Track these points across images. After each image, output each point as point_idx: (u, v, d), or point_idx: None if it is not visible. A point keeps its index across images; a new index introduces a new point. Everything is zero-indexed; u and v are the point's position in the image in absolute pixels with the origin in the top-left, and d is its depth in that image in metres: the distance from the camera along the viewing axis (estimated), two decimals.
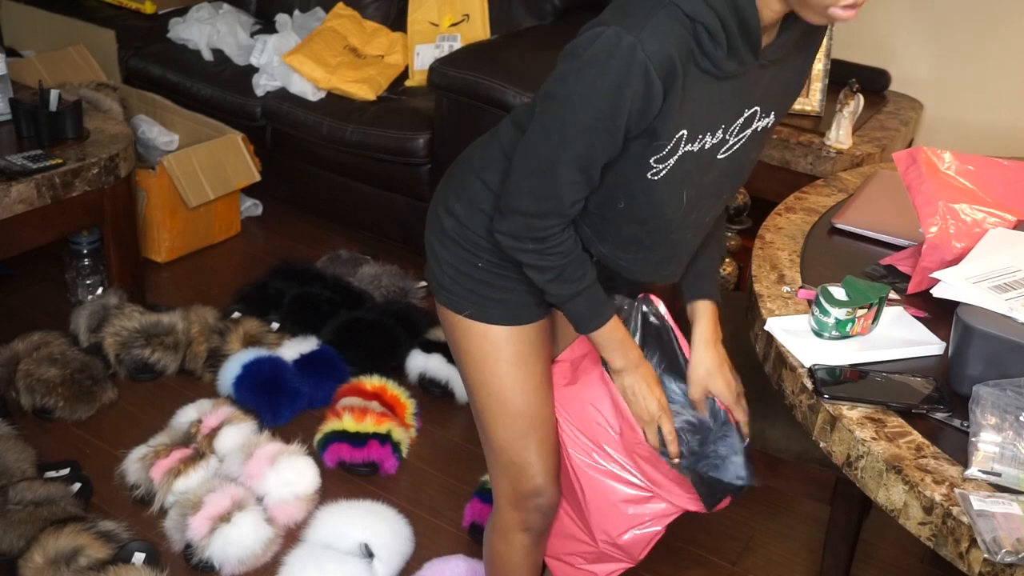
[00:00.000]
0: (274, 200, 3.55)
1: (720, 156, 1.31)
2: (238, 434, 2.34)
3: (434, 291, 1.51)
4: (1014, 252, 1.47)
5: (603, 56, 1.16)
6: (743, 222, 2.76)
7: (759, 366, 1.50)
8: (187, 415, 2.42)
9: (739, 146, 1.32)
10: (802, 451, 1.78)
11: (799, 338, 1.39)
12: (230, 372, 2.56)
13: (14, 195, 2.38)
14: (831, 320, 1.36)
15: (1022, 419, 1.18)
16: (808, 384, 1.31)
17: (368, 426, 2.37)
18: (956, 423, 1.24)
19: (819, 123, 2.67)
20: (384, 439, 2.36)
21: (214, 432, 2.33)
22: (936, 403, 1.26)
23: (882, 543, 2.22)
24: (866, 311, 1.37)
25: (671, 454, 1.47)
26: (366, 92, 3.26)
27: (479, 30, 3.38)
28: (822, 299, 1.37)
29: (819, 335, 1.39)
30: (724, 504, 1.52)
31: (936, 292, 1.41)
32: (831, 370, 1.32)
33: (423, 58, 3.35)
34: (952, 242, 1.49)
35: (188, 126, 3.36)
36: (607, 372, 1.47)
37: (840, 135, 2.52)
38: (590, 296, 1.39)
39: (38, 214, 2.47)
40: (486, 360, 1.48)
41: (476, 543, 2.17)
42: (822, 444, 1.29)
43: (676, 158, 1.26)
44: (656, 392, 1.45)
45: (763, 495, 2.34)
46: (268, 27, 3.73)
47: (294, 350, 2.65)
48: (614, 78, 1.16)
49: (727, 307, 2.12)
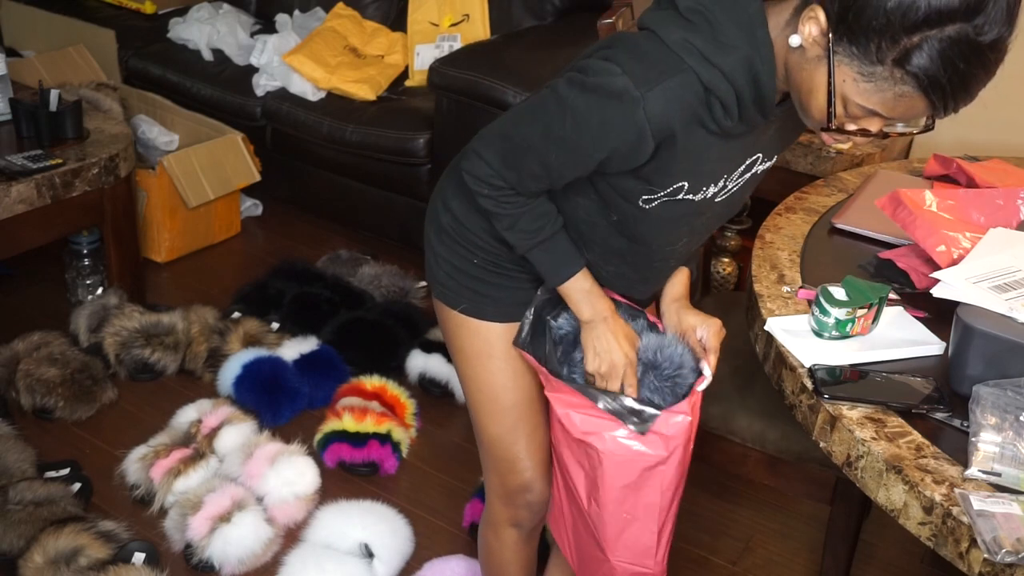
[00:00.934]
0: (274, 200, 3.55)
1: (718, 200, 1.31)
2: (238, 434, 2.34)
3: (431, 286, 1.52)
4: (1014, 252, 1.47)
5: (605, 95, 1.15)
6: (743, 222, 2.76)
7: (759, 366, 1.49)
8: (187, 415, 2.42)
9: (737, 188, 1.32)
10: (802, 451, 1.78)
11: (799, 338, 1.39)
12: (230, 372, 2.56)
13: (14, 195, 2.38)
14: (831, 320, 1.36)
15: (1022, 419, 1.18)
16: (808, 384, 1.31)
17: (368, 426, 2.37)
18: (956, 423, 1.24)
19: None
20: (384, 439, 2.36)
21: (214, 432, 2.33)
22: (936, 403, 1.26)
23: (882, 543, 2.22)
24: (866, 311, 1.37)
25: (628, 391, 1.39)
26: (366, 92, 3.26)
27: (479, 30, 3.37)
28: (822, 299, 1.37)
29: (819, 335, 1.39)
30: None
31: (936, 292, 1.41)
32: (831, 370, 1.32)
33: (423, 58, 3.35)
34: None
35: (188, 126, 3.36)
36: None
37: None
38: (552, 248, 1.35)
39: (38, 214, 2.47)
40: (479, 356, 1.49)
41: (476, 543, 2.17)
42: (822, 444, 1.29)
43: (672, 200, 1.27)
44: (624, 346, 1.39)
45: (763, 495, 2.34)
46: (268, 27, 3.73)
47: (294, 350, 2.65)
48: (608, 120, 1.16)
49: (727, 307, 2.13)
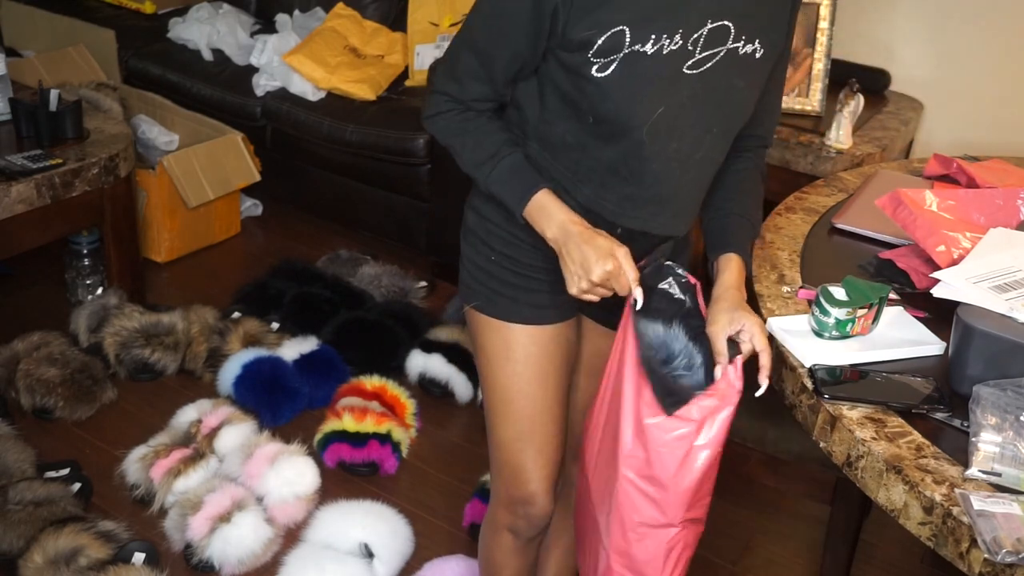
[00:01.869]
0: (274, 200, 3.55)
1: (687, 70, 1.25)
2: (238, 434, 2.34)
3: (460, 290, 1.52)
4: (1014, 252, 1.47)
5: None
6: None
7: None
8: (187, 415, 2.42)
9: (712, 65, 1.26)
10: (802, 451, 1.78)
11: (799, 338, 1.39)
12: (230, 372, 2.56)
13: (14, 195, 2.38)
14: (831, 320, 1.36)
15: (1022, 419, 1.18)
16: (808, 384, 1.31)
17: (368, 426, 2.37)
18: (956, 423, 1.24)
19: (819, 123, 2.66)
20: (384, 439, 2.36)
21: (214, 432, 2.33)
22: (936, 403, 1.26)
23: (882, 543, 2.22)
24: (866, 311, 1.37)
25: (632, 284, 1.30)
26: (366, 92, 3.26)
27: None
28: (822, 299, 1.37)
29: (819, 335, 1.39)
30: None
31: (936, 292, 1.41)
32: (831, 370, 1.32)
33: (423, 58, 3.35)
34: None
35: (188, 126, 3.36)
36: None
37: (840, 135, 2.52)
38: (509, 173, 1.33)
39: (38, 214, 2.47)
40: (497, 357, 1.47)
41: (476, 543, 2.17)
42: (822, 444, 1.29)
43: (622, 56, 1.22)
44: (603, 245, 1.28)
45: (763, 495, 2.34)
46: (268, 27, 3.73)
47: (294, 350, 2.65)
48: None
49: None
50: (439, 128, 1.39)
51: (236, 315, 2.79)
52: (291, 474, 2.22)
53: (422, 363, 2.65)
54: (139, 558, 2.03)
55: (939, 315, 1.43)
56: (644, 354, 1.29)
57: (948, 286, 1.40)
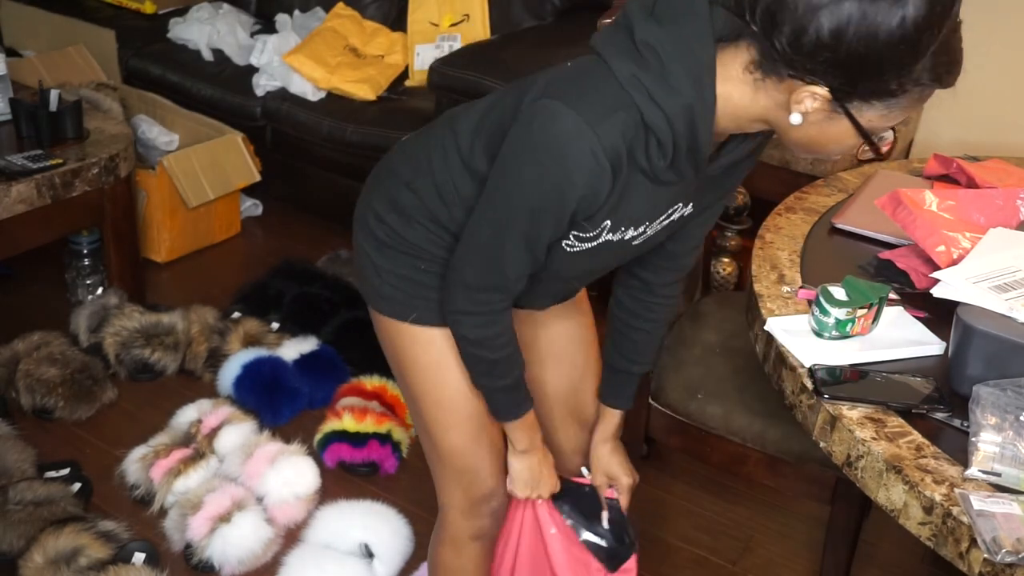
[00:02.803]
0: (274, 200, 3.55)
1: (636, 243, 1.31)
2: (238, 434, 2.34)
3: (370, 300, 1.46)
4: (1014, 252, 1.47)
5: (559, 144, 1.12)
6: (743, 222, 2.76)
7: (759, 366, 1.49)
8: (187, 415, 2.42)
9: (654, 233, 1.31)
10: (802, 451, 1.78)
11: (799, 338, 1.39)
12: (230, 372, 2.56)
13: (14, 195, 2.38)
14: (831, 320, 1.36)
15: (1022, 419, 1.18)
16: (808, 384, 1.31)
17: (368, 426, 2.37)
18: (956, 423, 1.24)
19: None
20: (384, 439, 2.36)
21: (214, 432, 2.33)
22: (936, 403, 1.26)
23: (882, 543, 2.22)
24: (866, 311, 1.37)
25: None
26: (366, 92, 3.26)
27: (479, 30, 3.37)
28: (822, 299, 1.37)
29: (819, 335, 1.39)
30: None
31: (936, 292, 1.41)
32: (831, 370, 1.32)
33: (423, 58, 3.35)
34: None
35: (188, 126, 3.36)
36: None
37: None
38: (514, 393, 1.42)
39: (38, 214, 2.47)
40: (435, 367, 1.43)
41: None
42: (822, 444, 1.29)
43: (596, 244, 1.27)
44: (550, 478, 1.56)
45: (763, 495, 2.34)
46: (268, 27, 3.73)
47: (294, 350, 2.65)
48: (569, 171, 1.13)
49: (727, 307, 2.13)
50: (498, 331, 1.34)
51: (236, 315, 2.79)
52: (291, 474, 2.22)
53: None
54: (139, 558, 2.03)
55: (939, 315, 1.43)
56: (583, 538, 1.64)
57: (948, 286, 1.40)
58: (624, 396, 1.61)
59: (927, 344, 1.39)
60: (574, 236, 1.26)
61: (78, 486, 2.21)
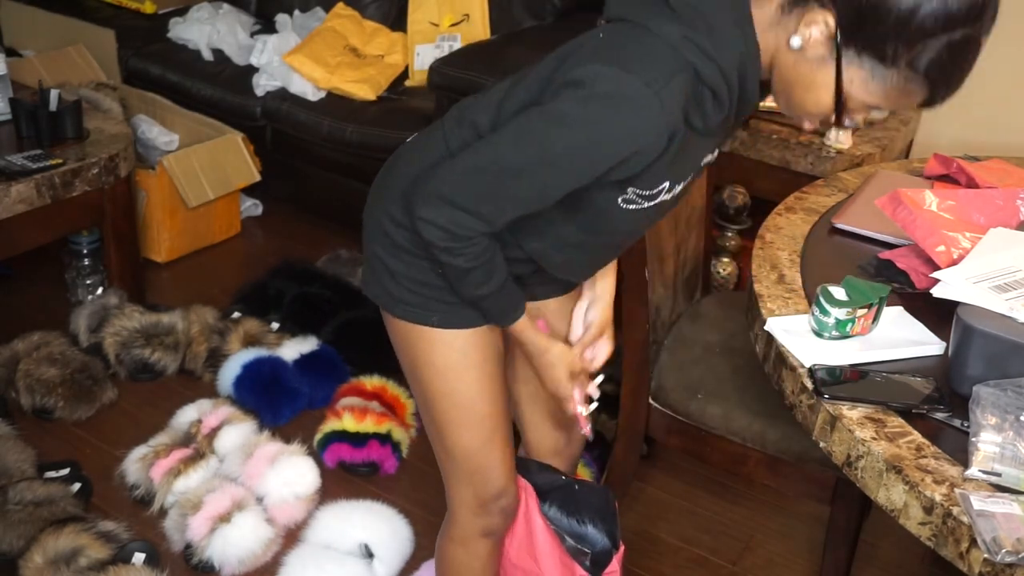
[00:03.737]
0: (274, 200, 3.55)
1: (678, 195, 1.32)
2: (238, 434, 2.34)
3: (386, 306, 1.43)
4: (1014, 252, 1.47)
5: (620, 100, 1.11)
6: (743, 222, 2.76)
7: (759, 366, 1.49)
8: (187, 415, 2.42)
9: (684, 185, 1.32)
10: (802, 451, 1.78)
11: (799, 338, 1.39)
12: (230, 372, 2.56)
13: (14, 195, 2.38)
14: (831, 320, 1.36)
15: (1022, 419, 1.18)
16: (808, 384, 1.31)
17: (368, 426, 2.37)
18: (956, 423, 1.24)
19: None
20: (384, 439, 2.36)
21: (214, 432, 2.33)
22: (936, 403, 1.26)
23: (882, 543, 2.22)
24: (866, 311, 1.37)
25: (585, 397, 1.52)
26: (366, 92, 3.26)
27: (479, 30, 3.38)
28: (822, 299, 1.37)
29: (819, 335, 1.38)
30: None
31: (936, 292, 1.41)
32: (831, 370, 1.32)
33: (423, 58, 3.35)
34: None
35: (188, 126, 3.36)
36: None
37: (840, 135, 2.52)
38: (503, 296, 1.35)
39: (38, 214, 2.47)
40: (453, 368, 1.42)
41: None
42: (822, 444, 1.29)
43: (654, 203, 1.27)
44: (568, 358, 1.47)
45: (763, 495, 2.34)
46: (268, 27, 3.73)
47: (294, 350, 2.65)
48: (626, 124, 1.12)
49: (727, 307, 2.13)
50: (445, 252, 1.26)
51: (236, 315, 2.79)
52: (291, 474, 2.22)
53: None
54: (139, 558, 2.03)
55: (939, 315, 1.43)
56: (567, 543, 1.64)
57: (948, 286, 1.40)
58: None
59: (927, 344, 1.39)
60: (635, 193, 1.24)
61: (78, 486, 2.21)
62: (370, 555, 2.05)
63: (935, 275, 1.44)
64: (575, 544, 1.63)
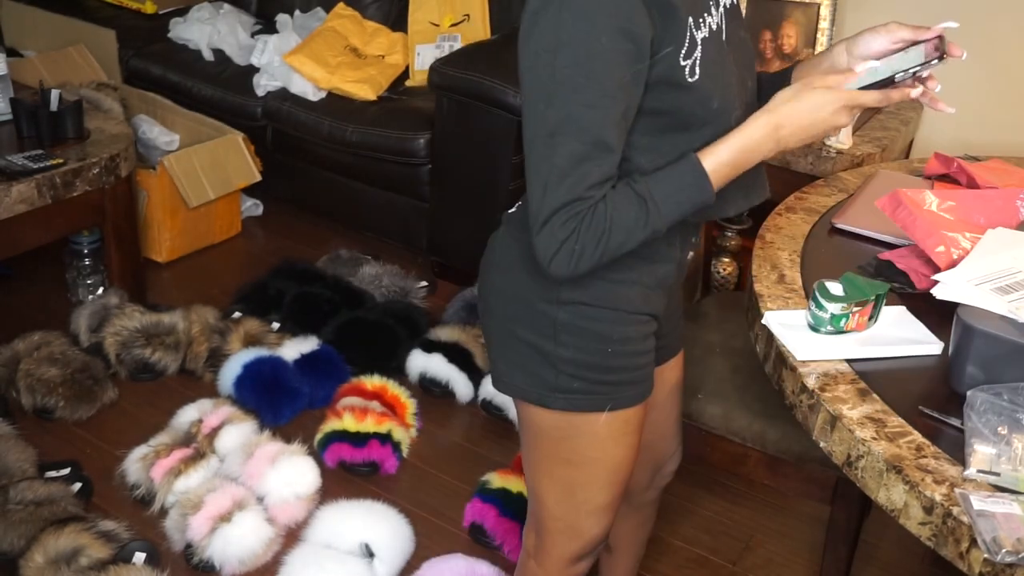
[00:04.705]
0: (274, 200, 3.56)
1: (726, 39, 1.27)
2: (238, 434, 2.34)
3: (540, 399, 1.33)
4: (1014, 253, 1.47)
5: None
6: (743, 222, 2.76)
7: (759, 366, 1.49)
8: (188, 415, 2.42)
9: (727, 27, 1.27)
10: (802, 451, 1.78)
11: (795, 332, 1.39)
12: (230, 372, 2.56)
13: (15, 195, 2.38)
14: (826, 315, 1.36)
15: (1019, 419, 1.18)
16: (808, 384, 1.31)
17: (368, 426, 2.37)
18: (956, 423, 1.24)
19: None
20: (384, 439, 2.37)
21: (214, 432, 2.33)
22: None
23: (882, 543, 2.22)
24: (862, 307, 1.37)
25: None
26: (366, 92, 3.26)
27: (479, 30, 3.38)
28: (818, 294, 1.37)
29: (815, 330, 1.38)
30: None
31: (937, 293, 1.41)
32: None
33: (423, 58, 3.35)
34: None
35: (189, 126, 3.36)
36: None
37: (840, 135, 2.52)
38: (678, 194, 1.20)
39: (39, 214, 2.47)
40: (608, 440, 1.37)
41: (476, 543, 2.17)
42: (822, 444, 1.29)
43: (699, 49, 1.19)
44: (818, 96, 1.25)
45: (763, 495, 2.34)
46: (268, 27, 3.74)
47: (294, 350, 2.65)
48: (603, 7, 1.10)
49: (727, 307, 2.13)
50: (608, 221, 1.15)
51: (237, 315, 2.79)
52: (292, 474, 2.22)
53: (422, 363, 2.65)
54: (140, 558, 2.04)
55: (939, 316, 1.43)
56: None
57: (949, 288, 1.40)
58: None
59: (926, 343, 1.39)
60: (679, 55, 1.17)
61: (78, 486, 2.22)
62: (371, 555, 2.06)
63: (936, 277, 1.44)
64: None
